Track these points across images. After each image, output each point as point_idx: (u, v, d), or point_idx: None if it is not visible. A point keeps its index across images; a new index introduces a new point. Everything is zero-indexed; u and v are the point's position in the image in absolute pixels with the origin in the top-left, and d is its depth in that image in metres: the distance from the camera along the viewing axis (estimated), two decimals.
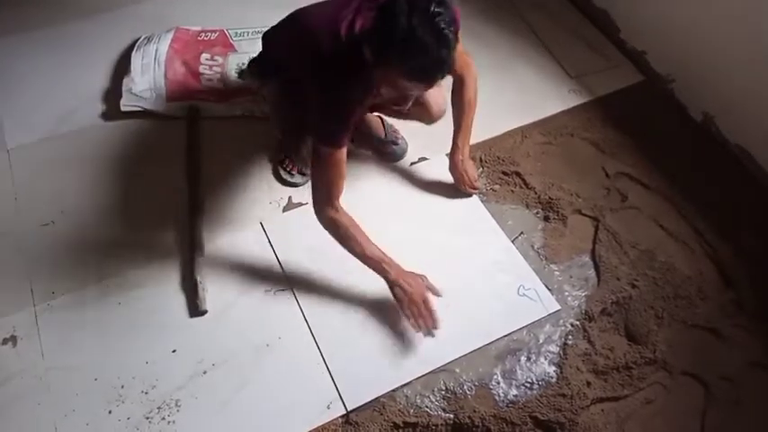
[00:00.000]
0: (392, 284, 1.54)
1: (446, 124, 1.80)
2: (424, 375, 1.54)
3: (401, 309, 1.54)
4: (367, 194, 1.84)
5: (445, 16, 1.22)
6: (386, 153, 1.95)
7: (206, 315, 1.60)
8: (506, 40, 2.34)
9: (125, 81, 2.04)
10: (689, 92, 2.16)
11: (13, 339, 1.55)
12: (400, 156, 1.96)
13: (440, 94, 1.73)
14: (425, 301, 1.53)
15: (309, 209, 1.80)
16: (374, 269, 1.55)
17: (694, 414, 1.54)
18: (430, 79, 1.29)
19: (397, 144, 1.95)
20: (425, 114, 1.77)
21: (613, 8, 2.36)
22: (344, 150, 1.47)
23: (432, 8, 1.21)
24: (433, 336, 1.57)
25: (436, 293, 1.58)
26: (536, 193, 1.91)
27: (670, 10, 2.12)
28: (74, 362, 1.52)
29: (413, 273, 1.57)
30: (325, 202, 1.51)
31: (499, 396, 1.54)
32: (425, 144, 1.97)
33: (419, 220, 1.82)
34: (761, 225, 1.88)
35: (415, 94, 1.37)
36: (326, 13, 1.46)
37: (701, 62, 2.06)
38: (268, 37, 1.71)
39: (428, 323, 1.53)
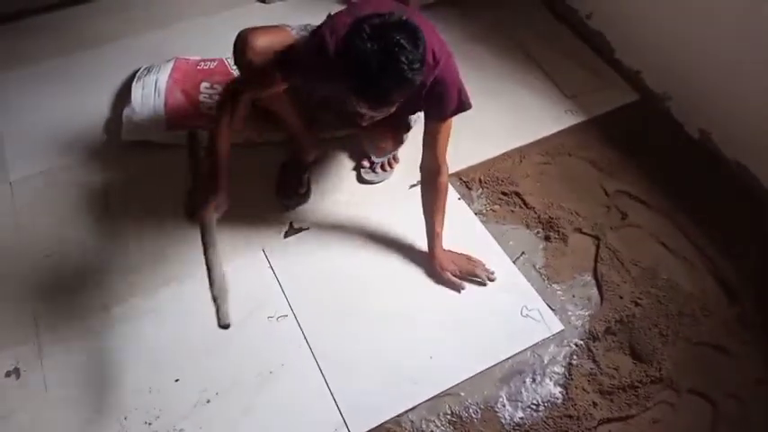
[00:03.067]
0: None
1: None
2: (428, 399, 1.53)
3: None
4: (368, 218, 1.86)
5: (410, 54, 1.22)
6: (363, 166, 1.97)
7: (208, 343, 1.60)
8: (501, 62, 2.36)
9: (125, 111, 2.06)
10: (685, 109, 2.17)
11: (17, 372, 1.55)
12: (369, 181, 1.96)
13: (389, 132, 1.76)
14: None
15: (310, 234, 1.83)
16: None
17: None
18: (367, 100, 1.31)
19: (375, 172, 1.96)
20: (373, 148, 1.81)
21: (608, 30, 2.39)
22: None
23: (397, 39, 1.21)
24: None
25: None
26: (536, 213, 1.91)
27: (664, 30, 2.15)
28: (77, 393, 1.51)
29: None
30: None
31: (505, 419, 1.53)
32: None
33: (420, 242, 1.82)
34: (761, 239, 1.88)
35: (363, 111, 1.37)
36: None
37: (697, 80, 2.08)
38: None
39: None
